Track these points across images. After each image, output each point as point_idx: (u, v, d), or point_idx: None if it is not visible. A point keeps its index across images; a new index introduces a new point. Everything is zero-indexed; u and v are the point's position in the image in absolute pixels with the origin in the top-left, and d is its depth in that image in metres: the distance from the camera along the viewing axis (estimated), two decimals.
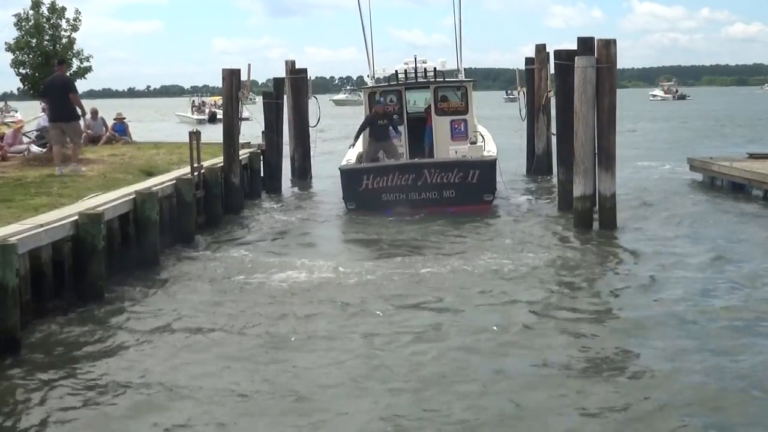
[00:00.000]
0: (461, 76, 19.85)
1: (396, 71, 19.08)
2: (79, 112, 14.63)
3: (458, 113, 18.34)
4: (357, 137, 17.97)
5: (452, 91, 18.69)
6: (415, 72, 18.58)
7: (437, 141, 18.03)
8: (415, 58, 18.95)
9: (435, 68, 18.99)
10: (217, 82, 16.56)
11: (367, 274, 10.77)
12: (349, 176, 16.12)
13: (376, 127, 17.30)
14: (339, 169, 16.57)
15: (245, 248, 13.11)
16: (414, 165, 16.27)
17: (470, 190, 15.69)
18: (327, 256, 12.30)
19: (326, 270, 11.03)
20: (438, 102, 18.31)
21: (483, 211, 15.68)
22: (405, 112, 18.35)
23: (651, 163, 24.98)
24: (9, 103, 62.75)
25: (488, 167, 16.03)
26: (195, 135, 14.67)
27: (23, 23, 15.53)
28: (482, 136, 19.02)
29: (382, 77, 19.89)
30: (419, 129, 18.38)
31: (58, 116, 14.58)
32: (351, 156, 17.70)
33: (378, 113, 17.37)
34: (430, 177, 15.64)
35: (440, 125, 18.19)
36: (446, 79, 18.96)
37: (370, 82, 19.75)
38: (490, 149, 17.32)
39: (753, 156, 19.65)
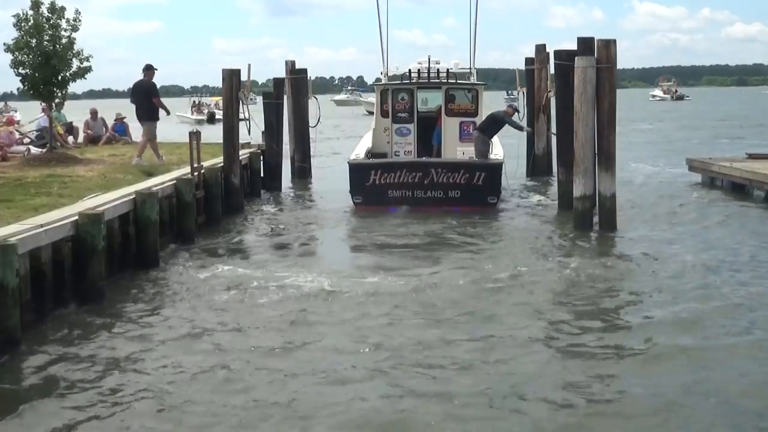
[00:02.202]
0: (473, 79, 20.01)
1: (409, 70, 19.32)
2: (164, 113, 16.95)
3: (468, 115, 18.47)
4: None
5: (463, 93, 18.79)
6: (428, 72, 18.77)
7: (445, 141, 18.14)
8: (429, 59, 19.19)
9: (448, 69, 19.18)
10: (218, 82, 16.59)
11: (367, 281, 10.56)
12: (357, 170, 16.27)
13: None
14: (347, 163, 16.77)
15: (245, 249, 13.12)
16: (422, 163, 16.42)
17: (475, 191, 15.82)
18: (327, 259, 12.31)
19: (326, 274, 10.95)
20: (448, 103, 18.42)
21: (485, 211, 15.72)
22: (416, 111, 18.51)
23: (647, 163, 24.87)
24: (9, 103, 62.70)
25: (494, 170, 16.17)
26: (195, 135, 14.68)
27: (23, 23, 15.44)
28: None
29: (394, 75, 20.27)
30: (429, 128, 18.61)
31: (139, 115, 16.71)
32: (360, 150, 17.84)
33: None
34: (437, 176, 15.78)
35: (449, 126, 18.28)
36: (458, 81, 19.09)
37: (384, 80, 20.09)
38: (497, 152, 17.43)
39: (752, 156, 19.64)
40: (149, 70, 16.70)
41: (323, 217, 16.29)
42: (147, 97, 16.55)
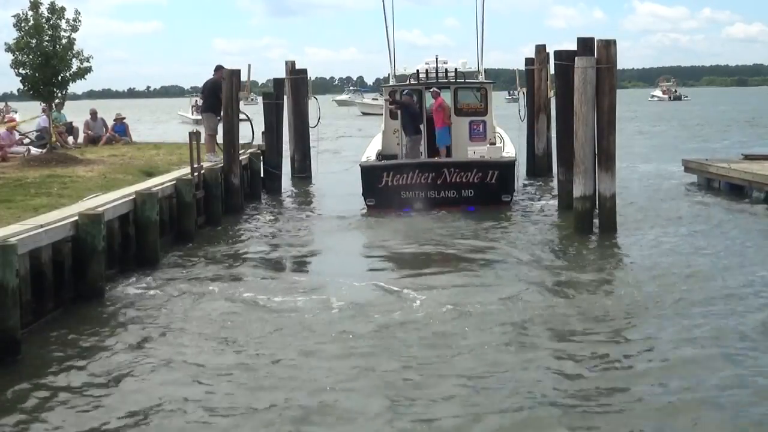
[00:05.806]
0: (481, 77, 19.99)
1: (417, 71, 19.31)
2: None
3: (477, 114, 18.48)
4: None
5: (472, 92, 18.75)
6: (436, 72, 18.78)
7: (456, 141, 18.12)
8: (437, 58, 19.18)
9: (456, 69, 19.15)
10: None
11: (366, 287, 10.39)
12: (369, 173, 16.19)
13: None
14: (359, 165, 16.70)
15: (246, 250, 13.11)
16: (434, 164, 16.42)
17: (489, 190, 15.80)
18: (326, 263, 12.26)
19: (324, 277, 10.92)
20: (457, 102, 18.42)
21: (498, 210, 15.68)
22: (424, 111, 18.50)
23: (642, 164, 24.79)
24: (9, 103, 62.72)
25: (507, 168, 16.15)
26: (195, 135, 14.70)
27: (23, 24, 15.47)
28: (501, 137, 19.12)
29: (402, 75, 20.40)
30: (433, 129, 18.56)
31: (204, 109, 17.85)
32: (371, 152, 17.82)
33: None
34: (450, 176, 15.75)
35: (459, 126, 18.23)
36: (466, 80, 19.05)
37: (392, 81, 20.13)
38: (508, 150, 17.40)
39: (748, 157, 19.58)
40: (218, 70, 17.13)
41: (323, 218, 16.27)
42: (212, 93, 17.10)
